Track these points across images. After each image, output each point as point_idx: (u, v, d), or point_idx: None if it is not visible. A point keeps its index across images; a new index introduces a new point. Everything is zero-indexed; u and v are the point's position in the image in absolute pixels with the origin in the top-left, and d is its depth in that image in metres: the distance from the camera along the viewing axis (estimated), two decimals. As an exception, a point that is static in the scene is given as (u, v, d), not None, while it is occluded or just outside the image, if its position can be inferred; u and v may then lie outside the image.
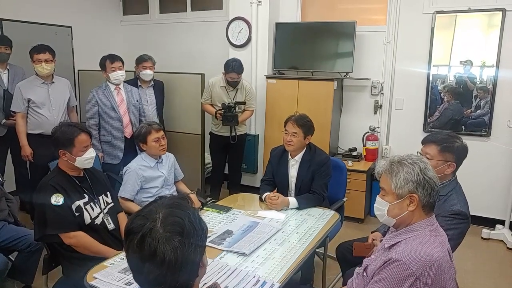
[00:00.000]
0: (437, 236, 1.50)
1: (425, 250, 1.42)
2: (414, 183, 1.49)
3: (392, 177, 1.53)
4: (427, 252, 1.42)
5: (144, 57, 4.00)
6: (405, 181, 1.50)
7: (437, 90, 4.17)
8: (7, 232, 2.53)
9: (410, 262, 1.40)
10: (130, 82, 4.04)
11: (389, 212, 1.56)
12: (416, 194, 1.49)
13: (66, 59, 5.02)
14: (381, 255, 1.60)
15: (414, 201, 1.49)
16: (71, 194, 2.20)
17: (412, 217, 1.52)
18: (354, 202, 4.06)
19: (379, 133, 4.45)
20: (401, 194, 1.51)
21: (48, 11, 4.81)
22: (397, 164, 1.53)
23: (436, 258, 1.41)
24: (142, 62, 3.98)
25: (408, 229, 1.52)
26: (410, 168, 1.50)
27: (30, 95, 3.45)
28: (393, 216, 1.55)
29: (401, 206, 1.52)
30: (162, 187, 2.88)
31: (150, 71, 4.00)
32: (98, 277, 1.74)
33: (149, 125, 2.87)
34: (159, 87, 4.23)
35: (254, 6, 4.49)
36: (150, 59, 4.02)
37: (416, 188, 1.49)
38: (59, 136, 2.23)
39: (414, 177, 1.49)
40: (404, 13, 4.17)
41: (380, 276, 1.47)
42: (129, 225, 0.98)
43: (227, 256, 1.98)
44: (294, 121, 2.76)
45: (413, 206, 1.50)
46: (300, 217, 2.53)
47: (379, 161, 2.13)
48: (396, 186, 1.52)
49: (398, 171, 1.52)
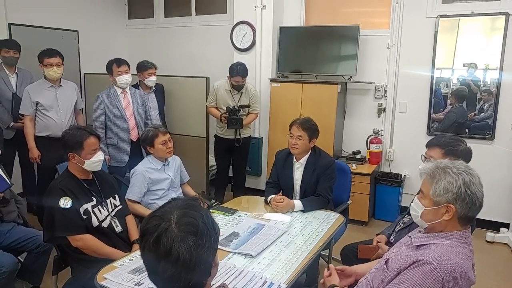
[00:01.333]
0: (467, 249, 1.47)
1: (457, 259, 1.40)
2: (454, 194, 1.42)
3: (433, 183, 1.47)
4: (458, 261, 1.39)
5: (148, 65, 3.98)
6: (444, 190, 1.44)
7: (441, 93, 4.19)
8: (16, 233, 2.57)
9: (440, 267, 1.37)
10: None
11: (423, 216, 1.53)
12: (453, 205, 1.43)
13: (73, 63, 5.07)
14: (405, 251, 1.57)
15: (451, 212, 1.44)
16: (79, 197, 2.23)
17: (445, 225, 1.48)
18: (358, 205, 4.08)
19: (383, 136, 4.47)
20: (438, 201, 1.46)
21: (55, 16, 4.87)
22: (441, 170, 1.47)
23: (464, 270, 1.39)
24: (147, 69, 3.97)
25: (441, 234, 1.48)
26: (453, 178, 1.43)
27: (38, 98, 3.49)
28: (426, 221, 1.52)
29: (436, 213, 1.48)
30: (168, 189, 2.91)
31: (155, 76, 4.04)
32: (108, 277, 1.77)
33: (156, 128, 2.90)
34: (160, 91, 4.27)
35: (258, 10, 4.54)
36: (153, 65, 4.03)
37: (455, 200, 1.43)
38: (69, 139, 2.27)
39: (455, 188, 1.42)
40: (408, 17, 4.20)
41: (405, 277, 1.44)
42: (145, 225, 1.01)
43: (234, 257, 2.01)
44: (299, 125, 2.78)
45: (448, 216, 1.45)
46: (305, 220, 2.55)
47: (423, 162, 2.12)
48: (434, 193, 1.47)
49: (440, 179, 1.45)
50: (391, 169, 4.50)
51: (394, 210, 4.24)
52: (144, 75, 3.99)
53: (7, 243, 2.52)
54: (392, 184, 4.26)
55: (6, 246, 2.50)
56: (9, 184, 2.56)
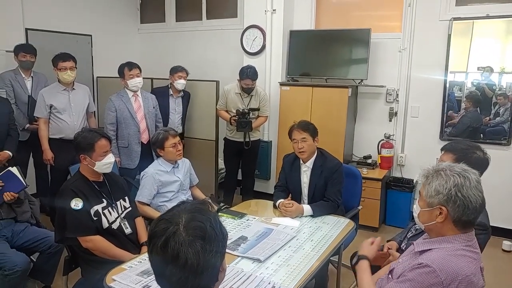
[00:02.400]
0: (472, 252, 1.45)
1: (458, 263, 1.39)
2: (444, 196, 1.43)
3: (426, 184, 1.50)
4: (460, 265, 1.38)
5: (179, 68, 4.13)
6: (435, 191, 1.45)
7: (454, 97, 4.14)
8: (29, 234, 2.61)
9: (440, 270, 1.37)
10: (161, 89, 4.19)
11: (420, 217, 1.55)
12: (445, 207, 1.44)
13: (86, 66, 5.14)
14: (409, 258, 1.58)
15: (443, 214, 1.45)
16: (90, 199, 2.25)
17: (442, 228, 1.48)
18: (369, 210, 4.04)
19: (394, 140, 4.43)
20: (431, 203, 1.48)
21: (70, 21, 4.96)
22: (434, 172, 1.49)
23: (467, 274, 1.37)
24: (177, 72, 4.10)
25: (443, 239, 1.48)
26: (444, 180, 1.44)
27: (52, 101, 3.54)
28: (422, 222, 1.54)
29: (430, 215, 1.49)
30: (178, 191, 2.92)
31: (184, 80, 4.14)
32: (117, 279, 1.78)
33: (166, 131, 2.92)
34: (186, 97, 4.36)
35: (268, 14, 4.55)
36: (184, 69, 4.15)
37: (446, 202, 1.43)
38: (81, 141, 2.30)
39: (445, 190, 1.43)
40: (420, 20, 4.17)
41: (406, 277, 1.45)
42: (153, 228, 1.01)
43: (242, 262, 2.01)
44: (299, 128, 2.80)
45: (441, 218, 1.46)
46: (314, 225, 2.54)
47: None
48: (427, 194, 1.49)
49: (432, 180, 1.47)
50: (402, 174, 4.46)
51: (406, 216, 4.18)
52: (174, 77, 4.11)
53: (21, 243, 2.57)
54: (404, 189, 4.22)
55: (20, 246, 2.54)
56: (25, 185, 2.61)
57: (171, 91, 4.18)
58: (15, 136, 3.44)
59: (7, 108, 3.41)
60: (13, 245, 2.52)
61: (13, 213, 2.63)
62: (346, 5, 4.71)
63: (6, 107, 3.41)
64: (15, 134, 3.45)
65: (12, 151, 3.33)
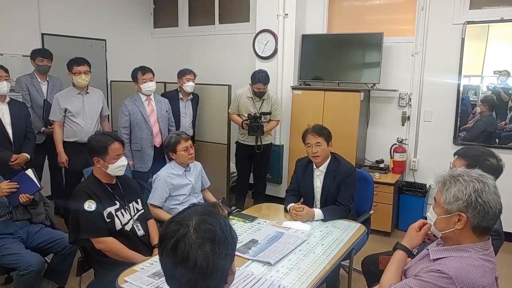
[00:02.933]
0: (489, 261, 1.43)
1: (476, 273, 1.36)
2: (464, 202, 1.40)
3: (444, 190, 1.46)
4: (477, 276, 1.36)
5: (186, 70, 4.14)
6: (454, 198, 1.42)
7: (469, 101, 4.09)
8: (44, 235, 2.66)
9: (457, 279, 1.35)
10: (170, 94, 4.21)
11: (436, 225, 1.52)
12: (465, 214, 1.41)
13: (100, 71, 5.22)
14: (423, 263, 1.55)
15: (462, 220, 1.42)
16: (103, 200, 2.29)
17: (460, 235, 1.45)
18: (381, 215, 4.01)
19: (407, 145, 4.40)
20: (449, 210, 1.44)
21: (84, 26, 5.05)
22: (452, 178, 1.45)
23: (483, 284, 1.35)
24: (185, 74, 4.12)
25: (459, 247, 1.45)
26: (463, 186, 1.41)
27: (67, 105, 3.60)
28: (439, 230, 1.51)
29: (448, 222, 1.46)
30: (189, 194, 2.94)
31: (192, 83, 4.15)
32: (129, 280, 1.81)
33: (178, 134, 2.95)
34: (195, 100, 4.39)
35: (280, 18, 4.56)
36: (192, 72, 4.17)
37: (466, 208, 1.40)
38: (94, 144, 2.34)
39: (465, 196, 1.40)
40: (433, 24, 4.13)
41: (422, 277, 1.42)
42: (164, 230, 1.03)
43: (252, 265, 2.01)
44: (313, 132, 2.79)
45: (460, 225, 1.43)
46: (325, 229, 2.53)
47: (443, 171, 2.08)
48: (445, 200, 1.45)
49: (450, 186, 1.44)
50: (415, 179, 4.41)
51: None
52: (182, 81, 4.13)
53: (35, 244, 2.61)
54: (417, 194, 4.17)
55: (34, 247, 2.59)
56: (39, 187, 2.65)
57: (180, 95, 4.20)
58: (32, 139, 3.52)
59: (24, 111, 3.49)
60: (28, 246, 2.57)
61: (28, 215, 2.68)
62: (358, 9, 4.69)
63: (23, 110, 3.49)
64: (32, 137, 3.53)
65: (29, 154, 3.41)
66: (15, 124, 3.35)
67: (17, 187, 2.54)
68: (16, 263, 2.40)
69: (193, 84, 4.17)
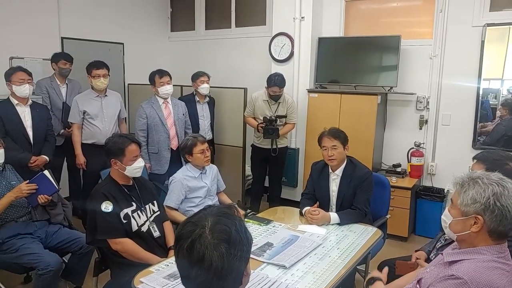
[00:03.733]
0: (505, 264, 1.40)
1: (491, 275, 1.34)
2: (482, 205, 1.38)
3: (461, 192, 1.44)
4: (492, 277, 1.33)
5: (200, 73, 4.16)
6: (472, 200, 1.40)
7: (489, 105, 4.01)
8: (62, 235, 2.70)
9: (472, 282, 1.32)
10: (187, 97, 4.23)
11: (451, 227, 1.49)
12: (482, 217, 1.39)
13: (118, 74, 5.30)
14: (437, 269, 1.53)
15: (479, 223, 1.39)
16: (120, 202, 2.31)
17: (475, 238, 1.43)
18: (398, 219, 3.95)
19: (425, 149, 4.33)
20: (466, 212, 1.42)
21: (103, 30, 5.14)
22: (470, 180, 1.43)
23: (499, 286, 1.32)
24: (199, 77, 4.13)
25: (474, 250, 1.43)
26: (482, 188, 1.39)
27: (86, 107, 3.66)
28: (454, 231, 1.48)
29: (464, 224, 1.43)
30: (205, 197, 2.96)
31: (207, 84, 4.16)
32: (145, 281, 1.82)
33: (195, 137, 2.97)
34: (212, 103, 4.40)
35: (297, 21, 4.56)
36: (205, 73, 4.18)
37: (484, 211, 1.37)
38: (111, 146, 2.37)
39: (483, 199, 1.37)
40: (452, 26, 4.07)
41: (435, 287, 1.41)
42: (180, 230, 1.04)
43: (267, 268, 2.00)
44: (329, 135, 2.77)
45: (476, 228, 1.40)
46: (341, 233, 2.51)
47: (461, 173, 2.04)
48: (462, 202, 1.43)
49: (468, 188, 1.42)
50: (433, 184, 4.34)
51: (436, 226, 4.03)
52: (197, 83, 4.14)
53: (54, 244, 2.66)
54: (434, 199, 4.10)
55: (53, 247, 2.63)
56: (57, 188, 2.70)
57: (197, 98, 4.22)
58: (52, 141, 3.59)
59: (45, 114, 3.57)
60: (47, 245, 2.61)
61: (47, 215, 2.73)
62: (375, 11, 4.66)
63: (45, 113, 3.56)
64: (52, 140, 3.60)
65: (48, 156, 3.48)
66: (36, 127, 3.42)
67: (36, 188, 2.59)
68: (35, 262, 2.44)
69: (208, 86, 4.17)
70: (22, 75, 3.28)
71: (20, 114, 3.33)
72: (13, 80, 3.25)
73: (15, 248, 2.49)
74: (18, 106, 3.33)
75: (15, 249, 2.49)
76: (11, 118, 3.28)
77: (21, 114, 3.34)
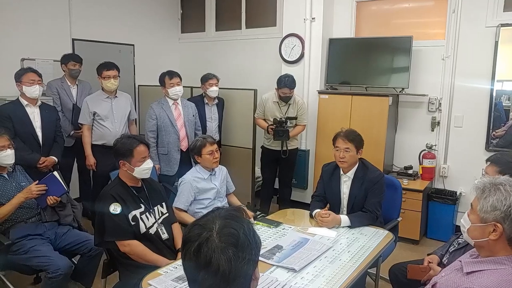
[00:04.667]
0: None
1: None
2: (502, 213, 1.34)
3: (482, 198, 1.40)
4: None
5: (209, 75, 4.15)
6: (492, 207, 1.36)
7: (502, 106, 3.93)
8: (71, 236, 2.71)
9: None
10: (195, 99, 4.22)
11: (469, 232, 1.46)
12: (501, 225, 1.35)
13: (128, 75, 5.31)
14: (455, 276, 1.48)
15: (498, 231, 1.36)
16: (128, 204, 2.31)
17: (494, 246, 1.39)
18: (409, 222, 3.90)
19: (437, 151, 4.26)
20: (485, 219, 1.38)
21: (113, 31, 5.16)
22: (492, 186, 1.40)
23: None
24: (208, 80, 4.12)
25: (495, 260, 1.38)
26: (504, 196, 1.35)
27: (96, 109, 3.68)
28: (472, 237, 1.45)
29: (482, 231, 1.40)
30: (214, 199, 2.94)
31: (216, 87, 4.15)
32: (153, 284, 1.81)
33: (204, 138, 2.96)
34: (221, 105, 4.39)
35: (307, 22, 4.53)
36: (214, 76, 4.17)
37: (504, 220, 1.34)
38: (120, 147, 2.37)
39: (503, 207, 1.34)
40: (465, 26, 4.01)
41: None
42: (187, 233, 1.01)
43: (276, 271, 1.98)
44: (344, 137, 2.72)
45: (495, 236, 1.36)
46: (352, 236, 2.47)
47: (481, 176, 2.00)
48: (481, 209, 1.39)
49: (489, 195, 1.38)
50: (445, 186, 4.27)
51: (449, 229, 4.00)
52: (205, 86, 4.14)
53: (63, 245, 2.66)
54: (446, 201, 4.03)
55: (62, 248, 2.64)
56: (66, 189, 2.71)
57: (205, 100, 4.21)
58: (61, 142, 3.61)
59: (54, 115, 3.58)
60: (56, 247, 2.62)
61: (56, 216, 2.73)
62: (386, 12, 4.61)
63: (54, 114, 3.58)
64: (61, 141, 3.61)
65: (57, 157, 3.49)
66: (45, 128, 3.42)
67: (45, 189, 2.60)
68: (45, 265, 2.44)
69: (217, 89, 4.17)
70: (32, 76, 3.29)
71: (29, 115, 3.34)
72: (23, 80, 3.26)
73: (25, 250, 2.49)
74: (28, 107, 3.34)
75: (25, 250, 2.49)
76: (20, 118, 3.29)
77: (30, 115, 3.35)
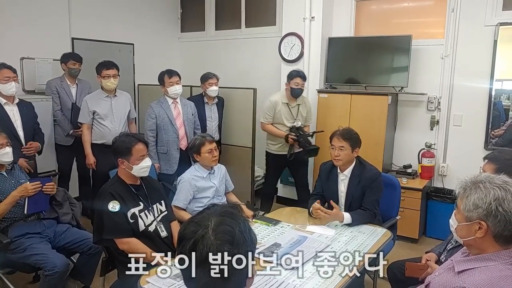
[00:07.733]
0: None
1: (504, 286, 1.30)
2: (484, 210, 1.34)
3: (464, 197, 1.41)
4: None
5: (209, 75, 4.12)
6: (474, 205, 1.37)
7: (502, 105, 3.93)
8: (70, 235, 2.71)
9: None
10: (195, 98, 4.21)
11: (457, 232, 1.47)
12: (485, 222, 1.35)
13: (128, 74, 5.31)
14: (447, 275, 1.49)
15: (483, 229, 1.36)
16: (127, 201, 2.32)
17: (482, 244, 1.40)
18: (408, 221, 3.89)
19: (436, 150, 4.27)
20: (469, 217, 1.39)
21: (113, 30, 5.17)
22: (472, 184, 1.41)
23: None
24: (208, 79, 4.10)
25: (484, 257, 1.39)
26: (483, 193, 1.36)
27: (95, 108, 3.68)
28: (460, 237, 1.46)
29: (469, 230, 1.40)
30: (213, 197, 2.95)
31: (216, 87, 4.14)
32: (151, 281, 1.82)
33: (203, 137, 2.96)
34: (221, 104, 4.38)
35: (307, 21, 4.53)
36: (214, 75, 4.15)
37: (486, 217, 1.35)
38: (118, 146, 2.38)
39: (484, 204, 1.35)
40: (464, 26, 4.01)
41: None
42: (182, 231, 1.02)
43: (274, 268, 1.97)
44: (340, 135, 2.73)
45: (481, 234, 1.37)
46: (350, 234, 2.48)
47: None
48: (465, 208, 1.40)
49: (470, 193, 1.39)
50: (444, 185, 4.28)
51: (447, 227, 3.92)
52: (205, 85, 4.12)
53: (62, 244, 2.67)
54: (445, 200, 4.04)
55: (61, 247, 2.65)
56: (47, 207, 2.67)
57: (205, 99, 4.20)
58: (41, 135, 3.57)
59: (32, 112, 3.50)
60: (55, 245, 2.62)
61: (54, 213, 2.74)
62: (386, 12, 4.61)
63: (31, 111, 3.49)
64: (41, 134, 3.57)
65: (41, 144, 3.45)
66: (26, 125, 3.36)
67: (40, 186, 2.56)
68: (41, 263, 2.44)
69: (217, 88, 4.15)
70: (7, 72, 3.19)
71: (8, 113, 3.25)
72: None
73: (23, 248, 2.50)
74: (6, 105, 3.25)
75: (23, 248, 2.50)
76: (0, 117, 3.19)
77: (9, 113, 3.26)
